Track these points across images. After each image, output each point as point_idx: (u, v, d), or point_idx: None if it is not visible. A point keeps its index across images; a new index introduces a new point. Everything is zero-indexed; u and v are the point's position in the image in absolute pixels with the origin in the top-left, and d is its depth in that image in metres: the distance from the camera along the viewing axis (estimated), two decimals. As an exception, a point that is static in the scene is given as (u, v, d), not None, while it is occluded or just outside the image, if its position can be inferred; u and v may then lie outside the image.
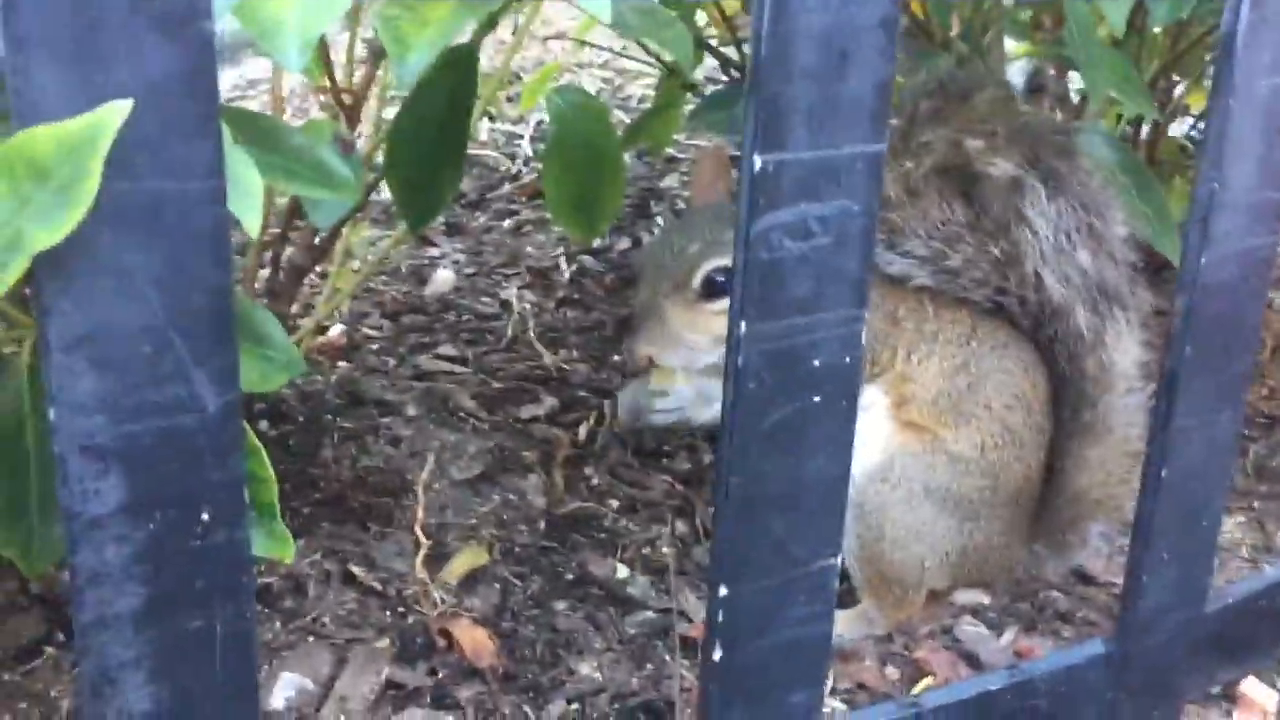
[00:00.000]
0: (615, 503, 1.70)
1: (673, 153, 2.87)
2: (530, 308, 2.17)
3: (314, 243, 1.58)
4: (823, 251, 0.89)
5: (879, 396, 1.48)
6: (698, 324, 1.47)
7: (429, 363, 1.97)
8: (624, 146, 2.03)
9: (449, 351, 2.02)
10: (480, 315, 2.15)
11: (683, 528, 1.66)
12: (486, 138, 2.92)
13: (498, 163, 2.82)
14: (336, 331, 2.03)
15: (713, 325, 1.46)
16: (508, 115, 3.05)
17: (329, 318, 2.00)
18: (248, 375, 0.85)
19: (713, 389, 1.55)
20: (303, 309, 1.82)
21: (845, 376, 0.93)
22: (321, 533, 1.54)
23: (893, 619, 1.51)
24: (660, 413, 1.58)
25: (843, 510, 0.98)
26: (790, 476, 0.94)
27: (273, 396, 1.75)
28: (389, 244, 1.72)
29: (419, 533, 1.54)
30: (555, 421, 1.85)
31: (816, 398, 0.93)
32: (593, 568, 1.56)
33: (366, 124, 1.57)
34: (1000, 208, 1.49)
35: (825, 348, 0.92)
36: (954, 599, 1.58)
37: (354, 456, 1.70)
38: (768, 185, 0.85)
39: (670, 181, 2.79)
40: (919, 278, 1.50)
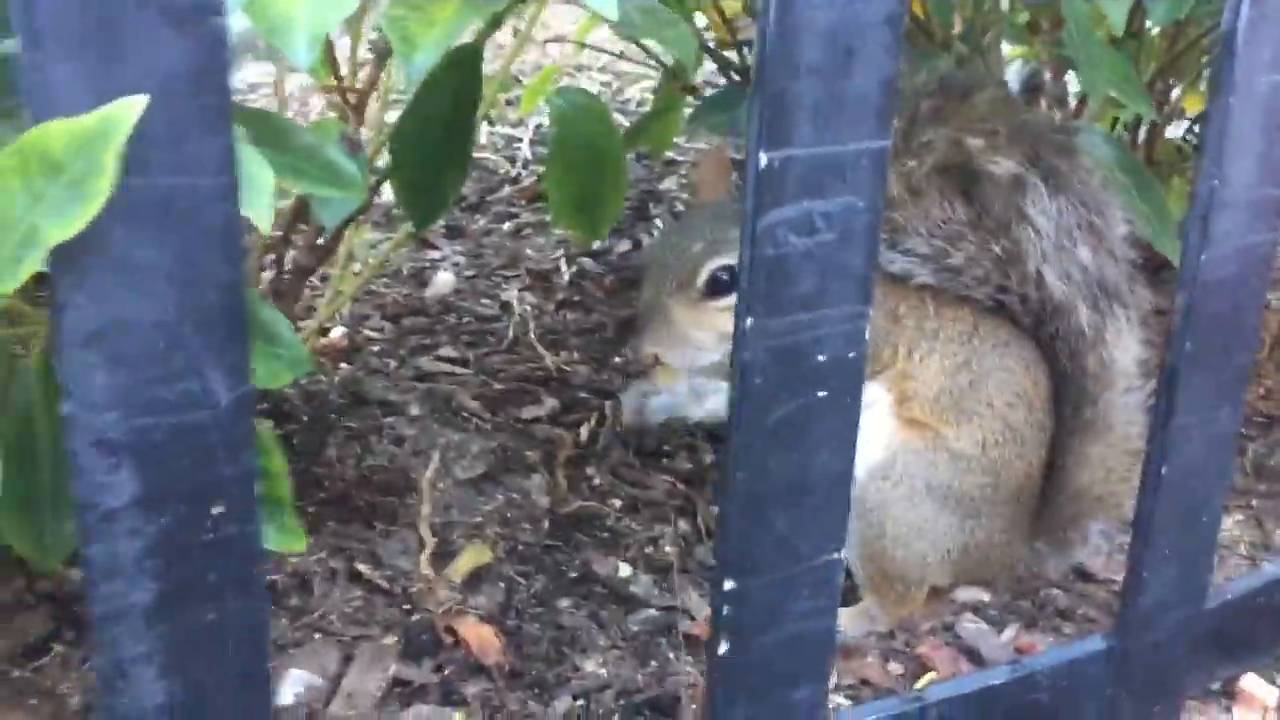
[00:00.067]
0: (618, 502, 1.70)
1: (672, 156, 2.87)
2: (530, 310, 2.18)
3: (317, 244, 1.59)
4: (828, 247, 0.89)
5: (881, 394, 1.48)
6: (703, 322, 1.48)
7: (430, 364, 1.98)
8: (624, 149, 2.03)
9: (450, 353, 2.02)
10: (481, 317, 2.15)
11: (685, 526, 1.67)
12: (486, 141, 2.93)
13: (497, 166, 2.82)
14: (338, 333, 2.03)
15: (718, 323, 1.46)
16: (507, 118, 3.05)
17: (331, 319, 2.00)
18: (255, 372, 0.85)
19: (705, 385, 1.56)
20: (304, 311, 1.83)
21: (850, 372, 0.94)
22: (327, 531, 1.55)
23: (895, 616, 1.52)
24: (656, 409, 1.59)
25: (847, 505, 0.99)
26: (795, 472, 0.95)
27: (276, 396, 1.75)
28: (390, 246, 1.73)
29: (424, 531, 1.54)
30: (557, 422, 1.85)
31: (821, 393, 0.93)
32: (596, 566, 1.57)
33: (369, 127, 1.58)
34: (1001, 206, 1.49)
35: (830, 343, 0.92)
36: (955, 596, 1.58)
37: (358, 456, 1.70)
38: (773, 181, 0.86)
39: (669, 184, 2.79)
40: (920, 276, 1.50)
